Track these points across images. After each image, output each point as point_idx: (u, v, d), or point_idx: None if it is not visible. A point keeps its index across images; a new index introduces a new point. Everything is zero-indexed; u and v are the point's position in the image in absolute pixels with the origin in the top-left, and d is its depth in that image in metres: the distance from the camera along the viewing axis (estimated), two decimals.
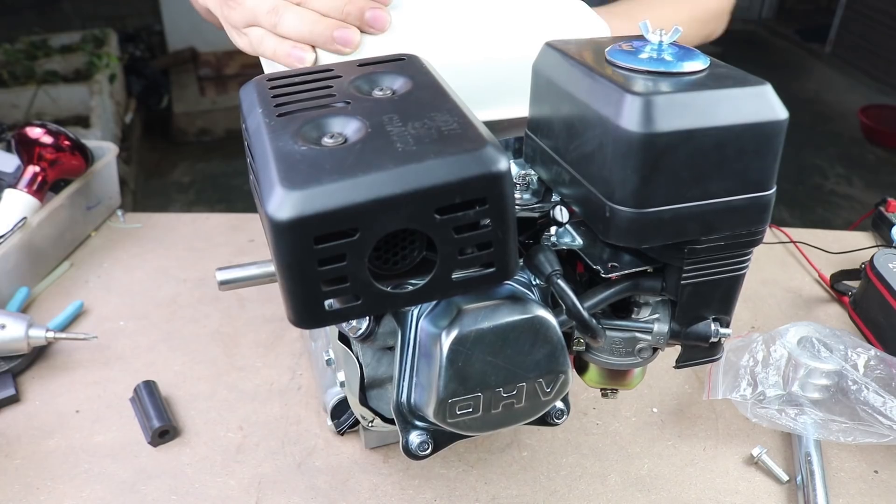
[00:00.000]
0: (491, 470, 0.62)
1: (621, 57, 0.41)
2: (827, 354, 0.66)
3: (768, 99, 0.39)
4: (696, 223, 0.41)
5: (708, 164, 0.39)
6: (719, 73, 0.41)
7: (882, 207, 0.94)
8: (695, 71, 0.40)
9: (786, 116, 0.39)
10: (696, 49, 0.43)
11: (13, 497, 0.58)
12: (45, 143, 0.85)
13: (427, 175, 0.34)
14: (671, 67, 0.40)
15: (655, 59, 0.41)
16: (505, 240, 0.38)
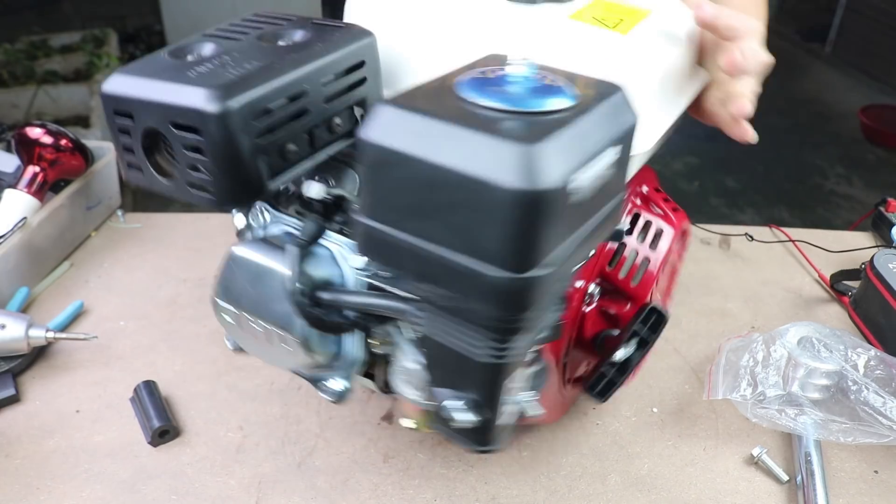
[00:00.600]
0: (491, 470, 0.62)
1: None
2: (827, 354, 0.66)
3: (516, 161, 0.33)
4: (411, 260, 0.38)
5: (423, 200, 0.36)
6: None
7: (882, 207, 0.94)
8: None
9: (531, 188, 0.33)
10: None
11: (13, 497, 0.58)
12: (45, 143, 0.85)
13: (172, 93, 0.40)
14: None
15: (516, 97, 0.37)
16: (216, 172, 0.41)
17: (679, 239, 0.60)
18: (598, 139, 0.37)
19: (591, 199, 0.38)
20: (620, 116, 0.39)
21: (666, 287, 0.65)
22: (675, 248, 0.60)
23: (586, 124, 0.36)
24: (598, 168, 0.37)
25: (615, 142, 0.38)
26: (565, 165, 0.34)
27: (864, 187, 2.82)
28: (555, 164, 0.33)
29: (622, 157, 0.40)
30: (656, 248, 0.56)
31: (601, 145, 0.37)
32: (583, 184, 0.36)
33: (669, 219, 0.58)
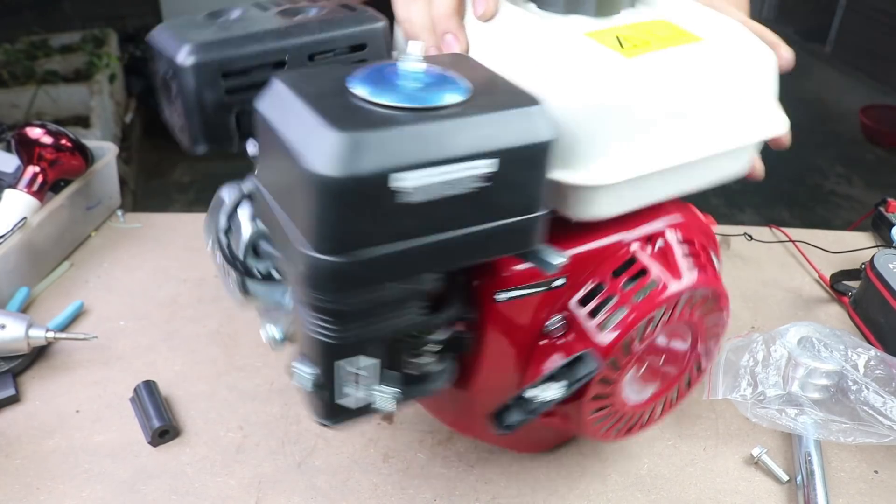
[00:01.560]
0: (491, 470, 0.62)
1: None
2: (827, 354, 0.66)
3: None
4: (272, 226, 0.42)
5: (280, 171, 0.40)
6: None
7: (882, 207, 0.94)
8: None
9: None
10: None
11: (13, 497, 0.58)
12: (45, 143, 0.85)
13: (170, 47, 0.45)
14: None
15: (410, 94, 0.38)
16: (185, 117, 0.45)
17: (696, 304, 0.52)
18: (460, 145, 0.36)
19: (450, 206, 0.37)
20: (517, 129, 0.38)
21: (664, 358, 0.55)
22: (692, 313, 0.52)
23: (442, 128, 0.36)
24: (446, 174, 0.36)
25: (494, 154, 0.37)
26: (384, 161, 0.34)
27: (864, 187, 2.82)
28: (370, 156, 0.34)
29: (509, 172, 0.38)
30: (640, 301, 0.49)
31: (462, 152, 0.36)
32: (412, 184, 0.35)
33: (678, 273, 0.51)
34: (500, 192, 0.39)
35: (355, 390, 0.44)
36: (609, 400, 0.52)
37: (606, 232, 0.51)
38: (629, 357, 0.51)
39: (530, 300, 0.49)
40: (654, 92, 0.46)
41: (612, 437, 0.56)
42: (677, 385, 0.56)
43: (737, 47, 0.49)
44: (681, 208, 0.55)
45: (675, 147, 0.48)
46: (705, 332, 0.54)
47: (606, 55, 0.47)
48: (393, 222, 0.37)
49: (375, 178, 0.35)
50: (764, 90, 0.50)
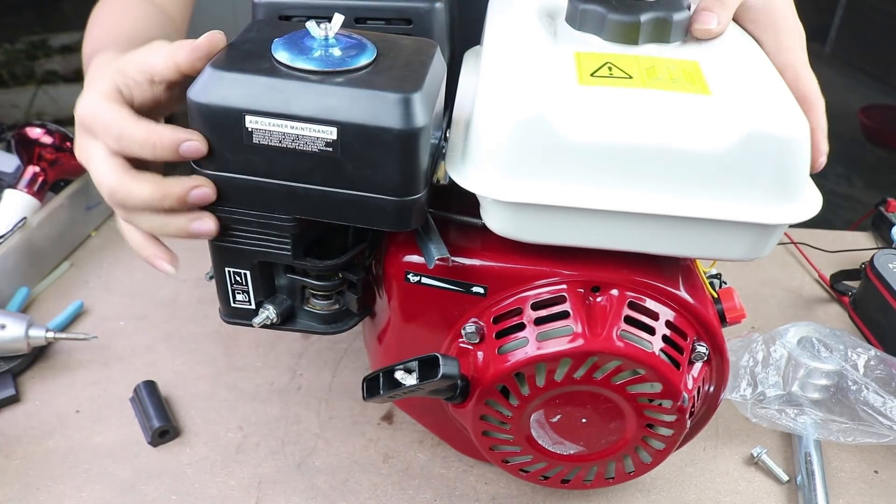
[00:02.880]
0: (491, 470, 0.62)
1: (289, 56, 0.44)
2: (827, 354, 0.66)
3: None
4: None
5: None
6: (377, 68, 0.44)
7: (882, 207, 0.94)
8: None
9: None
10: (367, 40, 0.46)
11: (13, 497, 0.58)
12: (45, 143, 0.85)
13: None
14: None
15: (323, 58, 0.43)
16: None
17: (628, 379, 0.46)
18: (305, 107, 0.42)
19: (299, 159, 0.43)
20: (366, 109, 0.42)
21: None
22: (622, 388, 0.47)
23: (295, 87, 0.42)
24: (290, 129, 0.42)
25: (333, 123, 0.42)
26: (238, 101, 0.42)
27: (864, 187, 2.82)
28: (227, 93, 0.42)
29: (355, 146, 0.42)
30: (543, 342, 0.46)
31: (304, 113, 0.42)
32: (259, 127, 0.42)
33: (600, 333, 0.46)
34: (347, 162, 0.43)
35: (245, 299, 0.52)
36: (509, 431, 0.50)
37: (545, 260, 0.48)
38: (529, 395, 0.48)
39: (447, 295, 0.50)
40: (589, 126, 0.42)
41: (519, 475, 0.54)
42: (612, 462, 0.52)
43: (753, 113, 0.43)
44: (676, 281, 0.49)
45: (611, 192, 0.43)
46: (644, 417, 0.49)
47: (560, 77, 0.45)
48: (247, 157, 0.44)
49: (229, 112, 0.42)
50: (779, 167, 0.43)
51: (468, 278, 0.49)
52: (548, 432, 0.51)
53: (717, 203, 0.43)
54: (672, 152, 0.42)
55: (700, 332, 0.50)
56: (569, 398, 0.49)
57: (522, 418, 0.50)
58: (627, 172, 0.43)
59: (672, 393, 0.47)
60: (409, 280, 0.50)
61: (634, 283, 0.48)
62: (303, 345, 0.75)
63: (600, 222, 0.45)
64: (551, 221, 0.45)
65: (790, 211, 0.44)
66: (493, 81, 0.46)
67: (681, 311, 0.49)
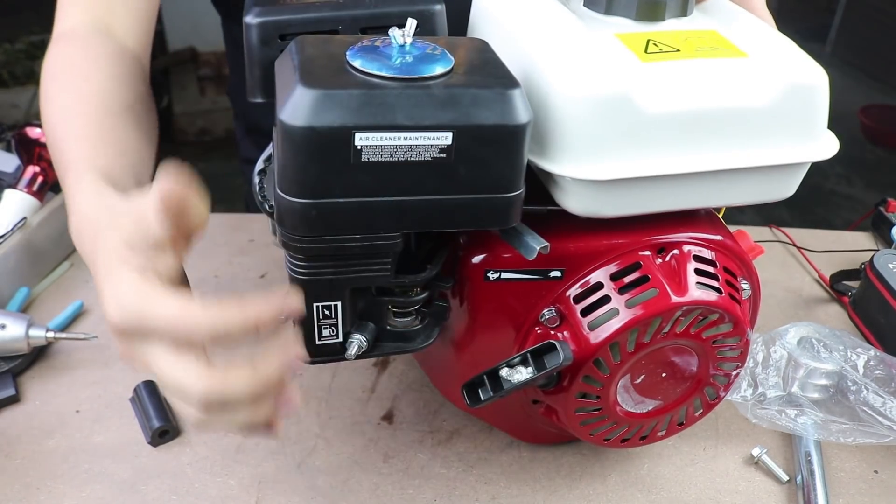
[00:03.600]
0: (491, 470, 0.62)
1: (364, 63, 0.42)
2: (827, 355, 0.66)
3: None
4: None
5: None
6: (451, 81, 0.42)
7: (882, 207, 0.94)
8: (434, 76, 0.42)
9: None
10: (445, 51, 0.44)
11: (13, 497, 0.58)
12: (44, 142, 0.85)
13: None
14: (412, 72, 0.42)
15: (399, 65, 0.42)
16: (249, 66, 0.52)
17: (704, 325, 0.51)
18: (418, 115, 0.40)
19: (409, 171, 0.41)
20: (479, 109, 0.41)
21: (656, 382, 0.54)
22: (699, 333, 0.51)
23: (402, 96, 0.40)
24: (402, 140, 0.40)
25: (449, 128, 0.40)
26: (344, 118, 0.39)
27: (864, 187, 2.82)
28: (331, 113, 0.39)
29: (469, 148, 0.41)
30: (633, 308, 0.49)
31: (419, 122, 0.40)
32: (372, 143, 0.40)
33: (682, 288, 0.50)
34: (460, 166, 0.42)
35: (332, 333, 0.48)
36: (598, 402, 0.52)
37: (611, 233, 0.51)
38: (620, 362, 0.51)
39: (524, 285, 0.51)
40: (664, 98, 0.46)
41: (603, 443, 0.56)
42: (684, 407, 0.56)
43: (784, 67, 0.49)
44: (715, 228, 0.54)
45: (686, 156, 0.47)
46: (716, 357, 0.53)
47: (622, 56, 0.48)
48: (354, 177, 0.41)
49: (334, 132, 0.39)
50: (810, 113, 0.49)
51: (545, 264, 0.51)
52: (631, 394, 0.53)
53: (766, 151, 0.49)
54: (730, 111, 0.47)
55: (743, 271, 0.55)
56: (652, 357, 0.52)
57: (612, 387, 0.52)
58: (697, 136, 0.47)
59: (741, 329, 0.53)
60: (487, 279, 0.51)
61: (689, 239, 0.53)
62: None
63: (675, 186, 0.49)
64: (633, 193, 0.48)
65: (819, 149, 0.50)
66: (557, 65, 0.47)
67: (728, 255, 0.54)
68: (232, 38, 0.95)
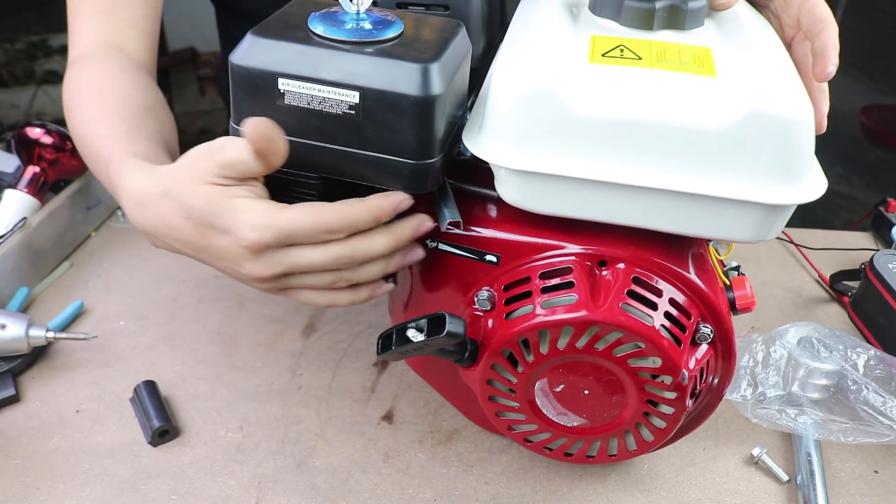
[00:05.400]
0: (491, 470, 0.62)
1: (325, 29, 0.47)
2: (827, 354, 0.66)
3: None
4: None
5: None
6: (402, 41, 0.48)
7: (882, 208, 0.94)
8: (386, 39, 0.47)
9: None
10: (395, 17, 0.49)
11: (13, 497, 0.58)
12: (45, 143, 0.85)
13: None
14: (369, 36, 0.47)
15: (356, 30, 0.47)
16: None
17: (628, 352, 0.48)
18: (333, 72, 0.45)
19: (326, 121, 0.47)
20: (386, 76, 0.45)
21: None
22: (622, 360, 0.48)
23: (323, 54, 0.46)
24: (317, 91, 0.46)
25: (356, 88, 0.45)
26: (272, 64, 0.46)
27: (864, 187, 2.82)
28: (262, 57, 0.46)
29: (375, 110, 0.46)
30: (547, 309, 0.48)
31: (331, 77, 0.45)
32: (290, 89, 0.46)
33: (601, 304, 0.47)
34: (367, 125, 0.46)
35: None
36: (514, 398, 0.52)
37: (554, 232, 0.51)
38: (533, 361, 0.50)
39: (463, 263, 0.53)
40: (597, 101, 0.44)
41: (525, 444, 0.55)
42: (615, 438, 0.53)
43: (756, 94, 0.44)
44: (682, 261, 0.50)
45: (615, 166, 0.45)
46: (644, 392, 0.49)
47: (573, 55, 0.48)
48: (279, 117, 0.46)
49: (263, 74, 0.46)
50: (782, 148, 0.44)
51: (482, 247, 0.52)
52: (552, 402, 0.52)
53: (717, 181, 0.45)
54: (674, 129, 0.44)
55: (706, 314, 0.51)
56: (572, 368, 0.50)
57: (527, 385, 0.52)
58: (630, 147, 0.45)
59: (672, 369, 0.48)
60: (427, 245, 0.54)
61: (641, 260, 0.49)
62: (303, 345, 0.75)
63: (604, 195, 0.47)
64: (558, 192, 0.47)
65: (792, 192, 0.45)
66: (508, 57, 0.48)
67: (686, 292, 0.50)
68: (226, 31, 0.95)
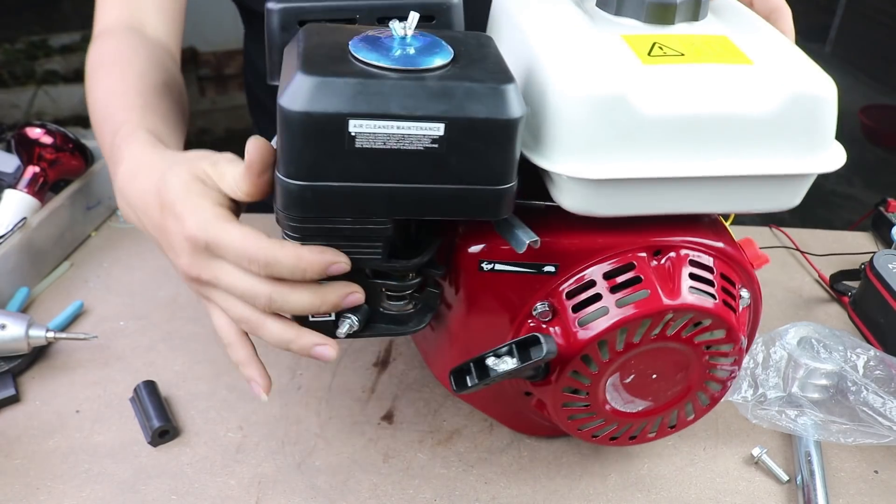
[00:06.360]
0: (491, 470, 0.62)
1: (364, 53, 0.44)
2: (826, 355, 0.66)
3: None
4: None
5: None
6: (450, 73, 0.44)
7: (882, 208, 0.94)
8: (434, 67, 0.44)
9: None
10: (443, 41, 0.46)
11: (13, 497, 0.58)
12: (45, 143, 0.85)
13: None
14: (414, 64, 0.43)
15: (401, 56, 0.44)
16: (269, 50, 0.55)
17: (696, 330, 0.50)
18: (411, 106, 0.41)
19: (401, 159, 0.43)
20: (471, 102, 0.42)
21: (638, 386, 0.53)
22: (691, 338, 0.51)
23: (397, 87, 0.42)
24: (395, 129, 0.42)
25: (441, 119, 0.42)
26: (339, 105, 0.41)
27: (864, 187, 2.82)
28: (327, 99, 0.41)
29: (460, 140, 0.42)
30: (623, 307, 0.49)
31: (411, 112, 0.41)
32: (366, 130, 0.41)
33: (674, 291, 0.50)
34: (452, 157, 0.43)
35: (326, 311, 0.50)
36: (586, 399, 0.53)
37: (608, 231, 0.51)
38: (608, 360, 0.51)
39: (518, 278, 0.52)
40: (663, 101, 0.46)
41: (591, 440, 0.56)
42: (675, 410, 0.56)
43: (790, 76, 0.48)
44: (717, 234, 0.53)
45: (683, 161, 0.47)
46: (708, 363, 0.53)
47: (624, 57, 0.48)
48: (348, 163, 0.42)
49: (330, 118, 0.41)
50: (816, 124, 0.48)
51: (540, 259, 0.51)
52: (620, 393, 0.53)
53: (768, 160, 0.48)
54: (730, 118, 0.47)
55: (743, 279, 0.54)
56: (642, 358, 0.52)
57: (600, 384, 0.52)
58: (695, 141, 0.47)
59: (734, 337, 0.52)
60: (482, 269, 0.52)
61: (688, 243, 0.52)
62: None
63: (671, 189, 0.48)
64: (628, 194, 0.48)
65: (824, 161, 0.49)
66: (558, 63, 0.48)
67: (728, 262, 0.53)
68: (254, 35, 0.96)
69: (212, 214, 0.47)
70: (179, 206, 0.48)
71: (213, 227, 0.46)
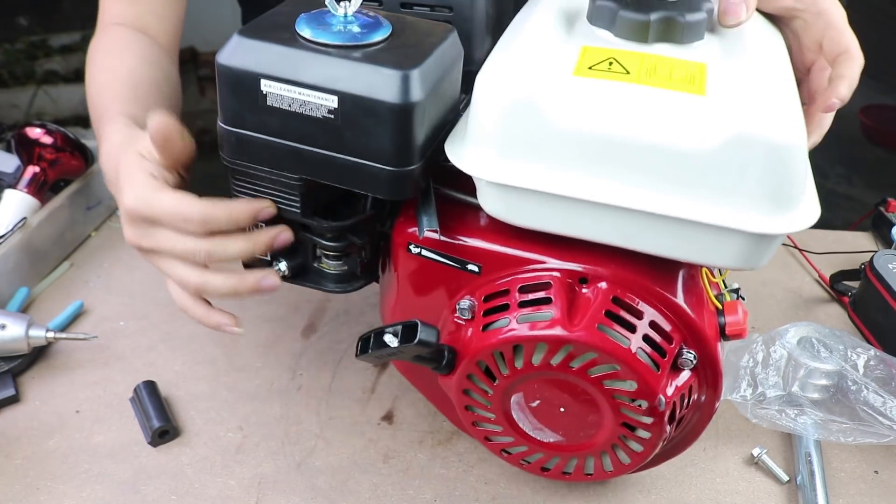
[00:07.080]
0: (491, 470, 0.62)
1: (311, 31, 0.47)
2: (827, 355, 0.66)
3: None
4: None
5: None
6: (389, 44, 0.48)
7: (882, 207, 0.94)
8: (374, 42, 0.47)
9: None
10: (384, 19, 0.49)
11: (13, 497, 0.58)
12: (45, 143, 0.85)
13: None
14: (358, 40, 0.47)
15: (343, 33, 0.47)
16: None
17: (603, 373, 0.47)
18: (313, 75, 0.46)
19: (306, 123, 0.47)
20: (365, 82, 0.45)
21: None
22: (597, 380, 0.47)
23: (304, 56, 0.46)
24: (298, 94, 0.46)
25: (335, 92, 0.45)
26: (254, 65, 0.47)
27: (864, 187, 2.82)
28: (246, 58, 0.47)
29: (354, 115, 0.46)
30: (522, 324, 0.47)
31: (311, 80, 0.46)
32: (272, 91, 0.47)
33: (576, 323, 0.46)
34: (346, 130, 0.47)
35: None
36: (490, 409, 0.52)
37: (537, 246, 0.50)
38: (509, 374, 0.49)
39: (445, 270, 0.52)
40: (579, 115, 0.43)
41: (502, 455, 0.56)
42: (591, 458, 0.53)
43: (745, 117, 0.42)
44: (670, 285, 0.48)
45: (595, 183, 0.44)
46: (619, 415, 0.48)
47: (559, 67, 0.46)
48: (262, 117, 0.48)
49: (246, 75, 0.47)
50: (772, 175, 0.42)
51: (464, 255, 0.52)
52: (528, 417, 0.52)
53: (701, 205, 0.43)
54: (656, 148, 0.42)
55: (689, 339, 0.49)
56: (548, 384, 0.50)
57: (503, 398, 0.51)
58: (611, 165, 0.44)
59: (647, 393, 0.47)
60: (410, 251, 0.53)
61: (624, 280, 0.48)
62: (303, 345, 0.75)
63: (583, 213, 0.45)
64: (537, 207, 0.46)
65: (779, 221, 0.42)
66: (491, 65, 0.48)
67: (670, 315, 0.48)
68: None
69: (146, 185, 0.51)
70: (122, 180, 0.53)
71: (146, 197, 0.51)
